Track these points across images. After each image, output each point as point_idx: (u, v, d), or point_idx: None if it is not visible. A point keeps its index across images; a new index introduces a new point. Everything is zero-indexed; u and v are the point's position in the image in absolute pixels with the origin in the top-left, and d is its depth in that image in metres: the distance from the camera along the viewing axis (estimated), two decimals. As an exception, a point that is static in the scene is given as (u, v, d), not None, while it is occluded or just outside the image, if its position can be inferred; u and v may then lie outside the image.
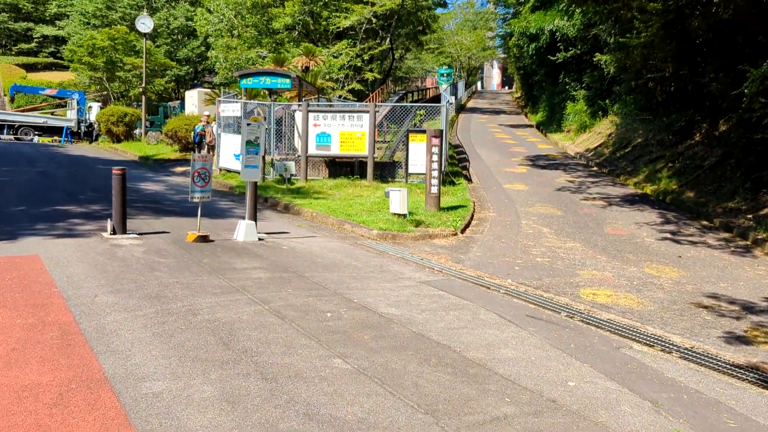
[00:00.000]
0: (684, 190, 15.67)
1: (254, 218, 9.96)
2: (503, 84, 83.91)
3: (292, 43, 34.87)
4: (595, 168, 20.92)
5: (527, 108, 46.99)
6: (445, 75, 56.88)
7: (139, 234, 9.38)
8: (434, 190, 12.42)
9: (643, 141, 20.93)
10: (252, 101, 20.41)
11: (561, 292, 7.65)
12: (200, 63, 48.29)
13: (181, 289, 6.58)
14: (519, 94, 59.64)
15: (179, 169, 20.55)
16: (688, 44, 15.35)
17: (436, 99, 48.27)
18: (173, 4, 47.62)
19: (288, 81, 18.38)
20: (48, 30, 59.68)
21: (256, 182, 9.98)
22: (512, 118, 43.20)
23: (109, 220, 9.24)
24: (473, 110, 45.44)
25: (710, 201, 14.14)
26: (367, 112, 15.88)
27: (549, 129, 32.59)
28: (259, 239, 9.74)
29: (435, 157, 12.39)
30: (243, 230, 9.59)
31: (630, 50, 21.42)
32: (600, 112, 27.04)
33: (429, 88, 59.42)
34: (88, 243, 8.60)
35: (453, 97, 37.99)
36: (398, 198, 11.60)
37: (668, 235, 11.52)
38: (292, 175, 16.04)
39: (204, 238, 9.21)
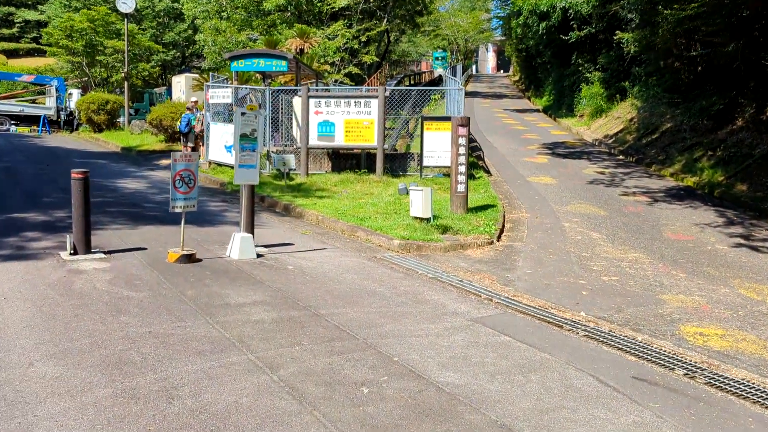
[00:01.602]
0: (733, 182, 13.91)
1: (251, 229, 8.11)
2: (498, 68, 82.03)
3: (284, 25, 32.92)
4: (621, 157, 19.13)
5: (529, 92, 45.15)
6: (440, 58, 54.94)
7: (107, 253, 7.50)
8: (461, 188, 10.58)
9: (673, 126, 19.12)
10: (244, 86, 18.45)
11: (657, 331, 5.86)
12: (188, 47, 46.18)
13: (154, 346, 4.74)
14: (517, 78, 57.86)
15: (164, 161, 18.58)
16: (750, 13, 13.45)
17: (433, 83, 46.34)
18: (158, -16, 45.27)
19: (284, 63, 16.44)
20: (30, 15, 57.18)
21: (253, 186, 8.11)
22: (515, 102, 41.34)
23: (68, 235, 7.37)
24: (474, 94, 43.49)
25: (770, 196, 12.39)
26: (376, 97, 13.97)
27: (558, 114, 30.77)
28: (258, 255, 7.90)
29: (462, 150, 10.54)
30: (238, 246, 7.74)
31: (659, 25, 19.59)
32: (617, 95, 25.20)
33: (425, 72, 57.55)
34: (40, 269, 6.72)
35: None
36: (420, 199, 9.77)
37: (741, 240, 9.76)
38: (291, 169, 14.15)
39: (189, 258, 7.35)
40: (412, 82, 47.50)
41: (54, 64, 39.60)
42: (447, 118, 13.55)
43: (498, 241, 9.53)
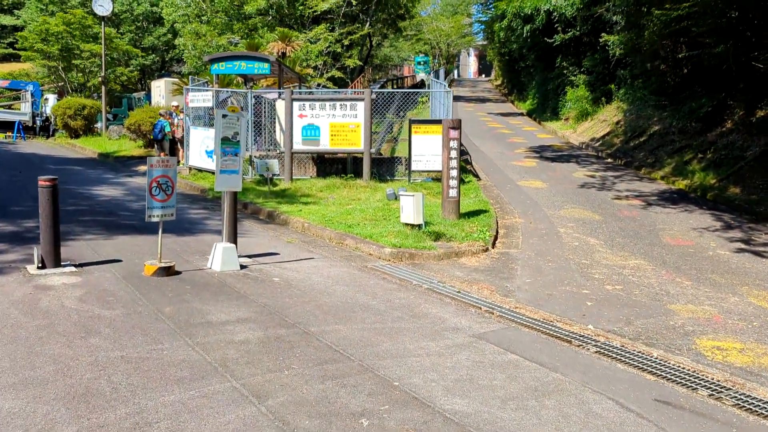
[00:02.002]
0: (726, 185, 13.67)
1: (234, 239, 7.63)
2: (480, 72, 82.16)
3: (266, 29, 32.49)
4: (609, 160, 18.89)
5: (512, 96, 45.08)
6: (422, 63, 54.72)
7: (78, 266, 6.97)
8: (453, 193, 10.17)
9: (661, 129, 18.93)
10: (225, 89, 17.95)
11: (672, 345, 5.48)
12: (168, 51, 45.49)
13: (126, 373, 4.26)
14: (500, 82, 57.87)
15: (142, 168, 17.95)
16: (744, 13, 13.22)
17: (415, 87, 46.02)
18: (136, -13, 44.54)
19: (266, 65, 15.95)
20: (6, 20, 55.89)
21: (236, 193, 7.62)
22: (499, 106, 41.15)
23: (35, 247, 6.84)
24: (457, 98, 43.20)
25: (765, 199, 12.15)
26: (362, 99, 13.54)
27: (543, 117, 30.60)
28: (242, 267, 7.41)
29: (454, 153, 10.14)
30: (220, 256, 7.25)
31: (645, 27, 19.42)
32: (603, 98, 25.03)
33: (407, 77, 57.36)
34: (2, 285, 6.18)
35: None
36: (412, 205, 9.34)
37: (742, 245, 9.46)
38: (274, 175, 13.66)
39: (167, 270, 6.85)
40: (395, 87, 47.18)
41: (29, 69, 38.66)
42: (436, 121, 13.17)
43: (493, 248, 9.14)
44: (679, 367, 4.96)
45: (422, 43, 63.81)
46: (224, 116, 7.20)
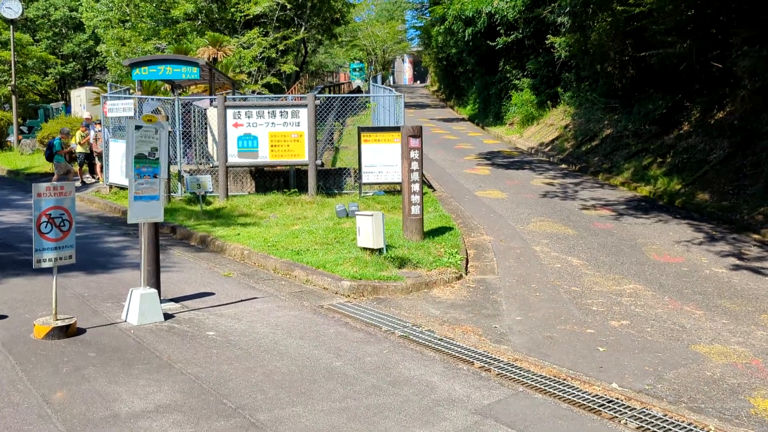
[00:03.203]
0: (693, 191, 12.96)
1: (156, 280, 6.08)
2: (415, 78, 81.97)
3: (195, 33, 30.64)
4: (563, 166, 18.11)
5: (451, 101, 44.53)
6: (357, 70, 53.69)
7: (-57, 329, 5.29)
8: (415, 210, 8.88)
9: (614, 132, 18.30)
10: (151, 97, 16.16)
11: (724, 410, 4.33)
12: (90, 59, 42.73)
13: None
14: (436, 88, 57.49)
15: (56, 186, 15.90)
16: (710, 10, 12.52)
17: (353, 93, 44.86)
18: (52, -9, 41.59)
19: (195, 70, 14.30)
20: None
21: (157, 224, 6.07)
22: (439, 111, 40.40)
23: None
24: (398, 104, 42.20)
25: (739, 205, 11.42)
26: (305, 105, 12.11)
27: (485, 122, 29.91)
28: (166, 316, 5.88)
29: (415, 165, 8.86)
30: (137, 307, 5.70)
31: (592, 29, 18.81)
32: (549, 102, 24.44)
33: (343, 83, 56.27)
34: None
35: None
36: (370, 226, 8.00)
37: (736, 261, 8.56)
38: (207, 192, 12.06)
39: (65, 331, 5.26)
40: (332, 93, 45.92)
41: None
42: (389, 129, 11.92)
43: (466, 274, 7.90)
44: (749, 446, 3.81)
45: (358, 50, 62.88)
46: (138, 128, 5.67)
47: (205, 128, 13.73)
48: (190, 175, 12.13)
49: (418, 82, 78.56)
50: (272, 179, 13.15)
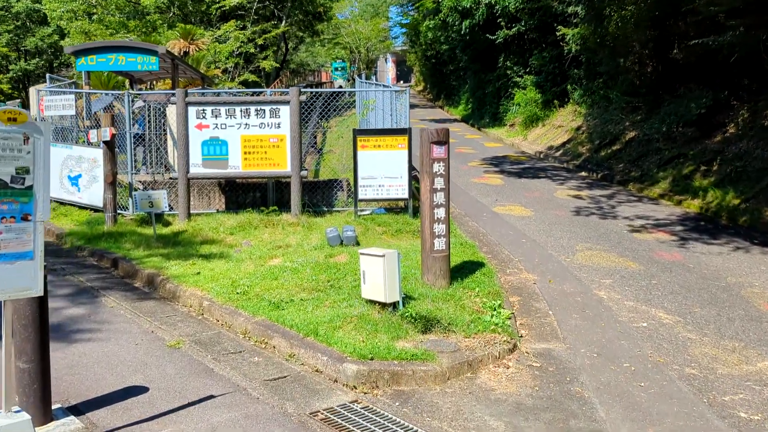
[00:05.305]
0: (758, 206, 10.71)
1: (42, 383, 3.60)
2: (398, 78, 79.83)
3: (166, 26, 28.16)
4: (583, 173, 15.86)
5: (440, 101, 42.36)
6: (339, 69, 51.24)
7: None
8: (440, 244, 6.45)
9: (639, 135, 16.07)
10: (103, 92, 13.62)
11: None
12: (56, 55, 39.98)
13: None
14: (422, 87, 55.42)
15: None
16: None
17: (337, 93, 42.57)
18: (12, -18, 38.70)
19: (154, 59, 11.84)
20: None
21: (40, 299, 3.57)
22: (429, 112, 38.13)
23: None
24: (385, 104, 39.87)
25: (827, 226, 9.22)
26: (287, 102, 9.62)
27: (481, 123, 27.71)
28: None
29: (440, 182, 6.42)
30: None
31: (611, 18, 16.55)
32: (555, 101, 22.22)
33: (325, 83, 54.01)
34: None
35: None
36: (380, 271, 5.57)
37: None
38: (162, 211, 9.55)
39: None
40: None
41: None
42: (396, 131, 9.51)
43: (520, 342, 5.51)
44: None
45: (340, 48, 60.68)
46: (-5, 133, 3.19)
47: (164, 130, 11.20)
48: (140, 192, 9.60)
49: (402, 82, 76.32)
50: (246, 193, 10.62)
